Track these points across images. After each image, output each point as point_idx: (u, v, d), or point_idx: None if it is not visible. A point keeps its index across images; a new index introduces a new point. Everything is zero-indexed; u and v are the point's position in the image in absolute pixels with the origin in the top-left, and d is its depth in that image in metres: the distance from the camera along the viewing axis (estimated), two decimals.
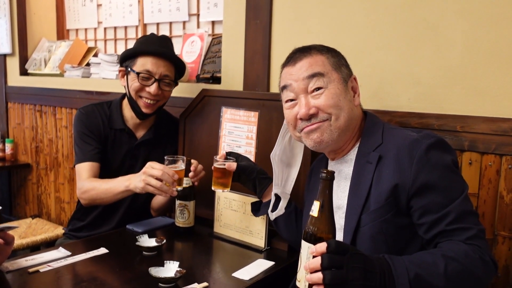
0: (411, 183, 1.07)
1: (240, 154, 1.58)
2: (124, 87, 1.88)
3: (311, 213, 0.97)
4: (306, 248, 0.96)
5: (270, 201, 1.49)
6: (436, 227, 1.05)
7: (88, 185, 1.77)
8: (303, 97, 1.20)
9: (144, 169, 1.57)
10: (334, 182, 1.20)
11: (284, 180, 1.45)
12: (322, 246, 0.92)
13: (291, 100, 1.24)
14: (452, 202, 1.05)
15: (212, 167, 1.51)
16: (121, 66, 1.87)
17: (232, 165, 1.49)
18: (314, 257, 0.92)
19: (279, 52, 1.86)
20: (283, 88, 1.25)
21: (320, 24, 1.73)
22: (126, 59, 1.84)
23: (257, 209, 1.55)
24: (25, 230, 2.74)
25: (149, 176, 1.53)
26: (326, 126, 1.19)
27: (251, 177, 1.51)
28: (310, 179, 1.45)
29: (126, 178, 1.67)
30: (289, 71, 1.24)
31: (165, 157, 1.59)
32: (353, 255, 0.92)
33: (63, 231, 2.62)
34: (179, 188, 1.59)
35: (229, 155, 1.54)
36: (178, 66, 1.87)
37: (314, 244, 0.93)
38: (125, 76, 1.85)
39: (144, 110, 1.84)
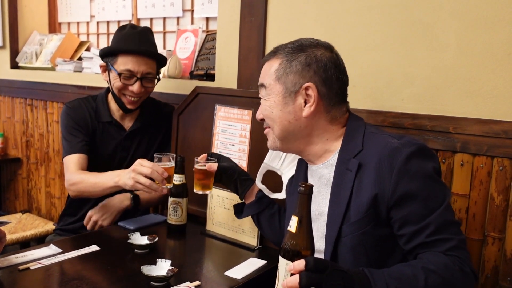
0: (391, 193, 1.05)
1: (222, 155, 1.57)
2: (107, 81, 1.89)
3: (288, 228, 0.95)
4: (284, 265, 0.93)
5: (253, 202, 1.49)
6: (416, 238, 1.04)
7: (77, 178, 1.77)
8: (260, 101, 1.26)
9: (133, 166, 1.56)
10: (315, 187, 1.19)
11: (288, 161, 1.47)
12: (300, 264, 0.89)
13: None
14: (432, 213, 1.04)
15: (194, 169, 1.50)
16: (102, 61, 1.87)
17: (213, 166, 1.47)
18: (292, 274, 0.90)
19: None
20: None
21: (315, 23, 1.73)
22: (106, 56, 1.83)
23: (240, 211, 1.54)
24: (14, 225, 2.72)
25: (138, 174, 1.52)
26: (269, 133, 1.25)
27: (233, 178, 1.49)
28: (291, 181, 1.42)
29: (116, 173, 1.66)
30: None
31: (154, 155, 1.59)
32: (331, 272, 0.90)
33: (53, 227, 2.61)
34: (169, 186, 1.58)
35: (211, 156, 1.53)
36: (159, 60, 1.87)
37: (292, 260, 0.92)
38: (107, 71, 1.85)
39: (128, 106, 1.86)
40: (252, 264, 1.44)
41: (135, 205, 1.87)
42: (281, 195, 1.46)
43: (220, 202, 1.67)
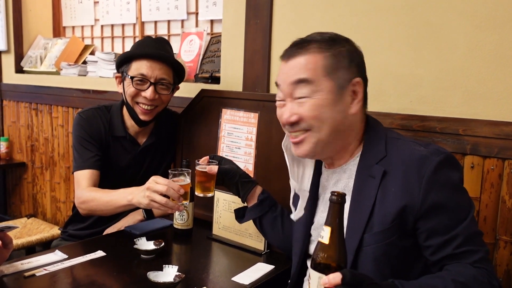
0: (420, 204, 1.03)
1: (224, 157, 1.53)
2: (122, 94, 1.82)
3: (320, 239, 0.91)
4: (317, 278, 0.89)
5: (255, 205, 1.46)
6: (444, 250, 1.02)
7: (88, 196, 1.69)
8: (289, 102, 1.14)
9: (147, 184, 1.47)
10: (331, 192, 1.18)
11: (300, 176, 1.34)
12: (336, 278, 0.84)
13: (281, 100, 1.18)
14: (460, 224, 1.02)
15: (195, 171, 1.47)
16: (117, 72, 1.81)
17: (213, 168, 1.42)
18: None
19: (279, 52, 1.81)
20: (277, 85, 1.20)
21: (321, 24, 1.71)
22: (121, 65, 1.77)
23: (242, 215, 1.50)
24: (20, 230, 2.72)
25: (154, 192, 1.43)
26: (309, 137, 1.13)
27: (234, 180, 1.45)
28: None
29: (129, 191, 1.58)
30: (282, 67, 1.17)
31: (169, 171, 1.51)
32: (368, 286, 0.86)
33: (58, 232, 2.61)
34: (185, 203, 1.49)
35: (212, 158, 1.49)
36: (176, 69, 1.79)
37: (325, 273, 0.88)
38: (122, 83, 1.79)
39: (141, 117, 1.77)
40: (260, 269, 1.42)
41: (148, 218, 1.84)
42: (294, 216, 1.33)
43: (227, 206, 1.65)
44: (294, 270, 1.30)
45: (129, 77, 1.72)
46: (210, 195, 1.48)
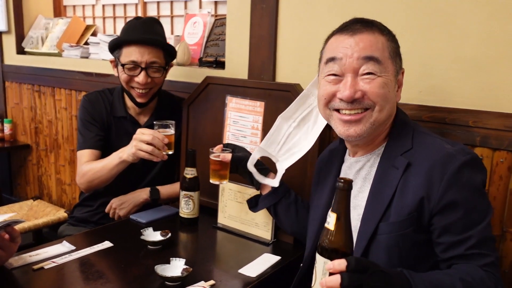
0: (438, 200, 1.02)
1: (237, 145, 1.54)
2: (118, 77, 1.85)
3: (326, 225, 0.92)
4: (322, 263, 0.91)
5: (269, 193, 1.46)
6: (455, 249, 1.02)
7: (84, 168, 1.79)
8: (351, 77, 1.09)
9: (134, 135, 1.61)
10: (352, 178, 1.17)
11: (286, 149, 1.41)
12: (341, 264, 0.86)
13: (335, 75, 1.12)
14: (475, 226, 1.01)
15: (209, 159, 1.49)
16: (112, 56, 1.86)
17: (227, 156, 1.45)
18: (331, 273, 0.88)
19: (286, 38, 1.80)
20: (330, 59, 1.12)
21: (330, 10, 1.67)
22: (113, 50, 1.81)
23: (255, 204, 1.51)
24: (26, 213, 2.73)
25: (140, 141, 1.58)
26: (368, 117, 1.10)
27: (247, 168, 1.45)
28: (319, 171, 1.38)
29: (120, 150, 1.70)
30: (344, 40, 1.11)
31: (154, 122, 1.65)
32: (373, 273, 0.87)
33: (65, 214, 2.63)
34: (170, 152, 1.63)
35: (226, 146, 1.51)
36: (166, 50, 1.82)
37: (331, 259, 0.89)
38: (116, 67, 1.83)
39: (138, 100, 1.83)
40: (267, 261, 1.43)
41: (154, 199, 1.87)
42: (273, 183, 1.43)
43: (232, 196, 1.65)
44: (307, 254, 1.30)
45: (120, 64, 1.76)
46: (224, 182, 1.52)
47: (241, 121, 1.74)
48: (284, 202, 1.46)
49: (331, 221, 0.91)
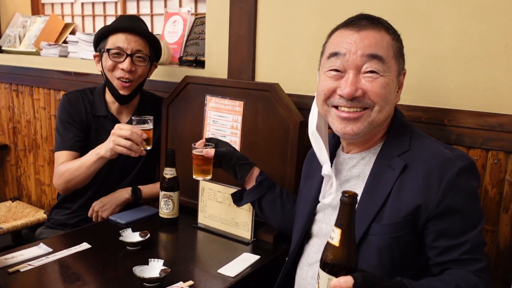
0: (435, 205, 1.02)
1: (220, 139, 1.51)
2: (101, 72, 1.84)
3: (330, 240, 0.88)
4: (326, 280, 0.88)
5: (254, 187, 1.45)
6: (450, 253, 1.02)
7: (61, 169, 1.77)
8: (352, 74, 1.07)
9: (112, 131, 1.60)
10: (344, 175, 1.16)
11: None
12: (347, 282, 0.83)
13: (337, 70, 1.10)
14: (470, 231, 1.02)
15: (192, 155, 1.46)
16: (95, 51, 1.85)
17: (210, 151, 1.42)
18: None
19: (265, 38, 1.80)
20: (333, 54, 1.10)
21: (308, 11, 1.67)
22: (99, 42, 1.81)
23: (239, 198, 1.51)
24: (5, 214, 2.69)
25: (118, 136, 1.57)
26: (366, 116, 1.09)
27: (231, 163, 1.45)
28: (310, 164, 1.36)
29: (97, 147, 1.69)
30: (349, 36, 1.09)
31: (133, 118, 1.64)
32: None
33: (44, 216, 2.59)
34: (148, 147, 1.62)
35: (209, 141, 1.48)
36: (152, 43, 1.83)
37: (335, 275, 0.86)
38: (100, 61, 1.81)
39: (121, 91, 1.80)
40: (246, 260, 1.43)
41: (135, 198, 1.86)
42: (329, 199, 1.22)
43: (212, 196, 1.64)
44: (293, 248, 1.29)
45: (106, 50, 1.75)
46: (208, 178, 1.47)
47: (220, 120, 1.73)
48: (269, 196, 1.46)
49: (335, 236, 0.87)
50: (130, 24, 1.78)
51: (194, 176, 1.48)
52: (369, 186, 1.11)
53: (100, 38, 1.80)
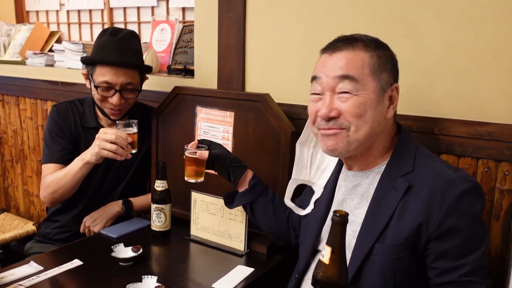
0: (436, 226, 1.02)
1: (213, 141, 1.49)
2: (90, 89, 1.79)
3: (321, 258, 0.90)
4: None
5: (246, 190, 1.44)
6: (449, 275, 1.02)
7: (47, 180, 1.75)
8: (328, 96, 1.10)
9: (97, 135, 1.59)
10: (349, 194, 1.17)
11: (319, 172, 1.35)
12: None
13: (317, 94, 1.14)
14: (470, 254, 1.02)
15: (184, 157, 1.44)
16: (85, 68, 1.79)
17: (204, 153, 1.40)
18: None
19: (254, 47, 1.80)
20: (313, 78, 1.15)
21: (296, 20, 1.67)
22: (86, 63, 1.75)
23: (231, 201, 1.49)
24: None
25: (103, 140, 1.56)
26: (344, 135, 1.10)
27: (224, 165, 1.43)
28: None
29: (82, 153, 1.67)
30: (324, 60, 1.13)
31: (117, 121, 1.64)
32: None
33: (33, 227, 2.56)
34: (133, 151, 1.62)
35: (202, 143, 1.46)
36: (142, 69, 1.78)
37: None
38: (89, 80, 1.77)
39: (112, 117, 1.78)
40: (240, 273, 1.42)
41: (127, 211, 1.84)
42: (302, 212, 1.37)
43: (205, 207, 1.64)
44: (302, 266, 1.28)
45: (94, 84, 1.70)
46: (200, 180, 1.45)
47: (211, 131, 1.73)
48: (261, 200, 1.45)
49: (326, 254, 0.89)
50: (118, 59, 1.68)
51: (186, 178, 1.45)
52: (373, 206, 1.12)
53: (88, 63, 1.74)
